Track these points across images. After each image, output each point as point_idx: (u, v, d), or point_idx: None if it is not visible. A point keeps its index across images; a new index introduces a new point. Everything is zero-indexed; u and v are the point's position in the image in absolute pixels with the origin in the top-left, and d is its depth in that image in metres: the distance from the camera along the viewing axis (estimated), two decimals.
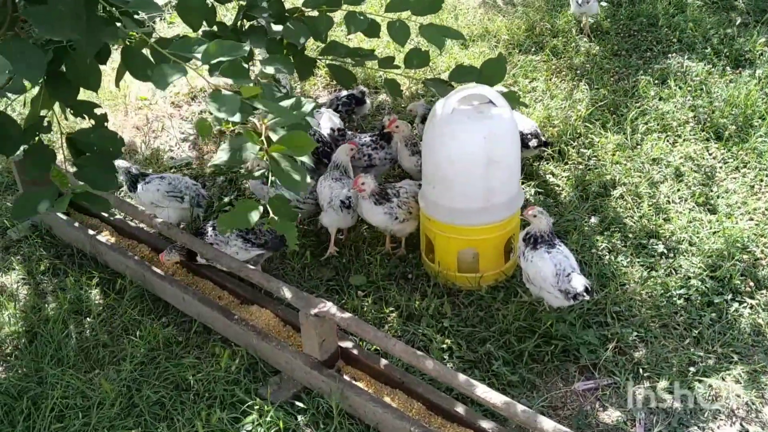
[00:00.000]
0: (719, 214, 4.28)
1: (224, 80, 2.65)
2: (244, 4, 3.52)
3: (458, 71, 3.76)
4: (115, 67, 3.12)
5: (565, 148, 4.85)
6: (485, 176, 3.66)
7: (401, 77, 4.04)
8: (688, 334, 3.59)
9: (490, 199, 3.71)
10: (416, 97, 5.51)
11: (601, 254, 4.06)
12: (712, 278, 3.86)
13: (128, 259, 4.00)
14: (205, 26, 3.43)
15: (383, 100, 5.57)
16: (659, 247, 4.08)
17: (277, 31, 3.56)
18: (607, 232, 4.22)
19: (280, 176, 2.49)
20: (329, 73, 4.30)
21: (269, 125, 2.51)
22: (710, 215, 4.29)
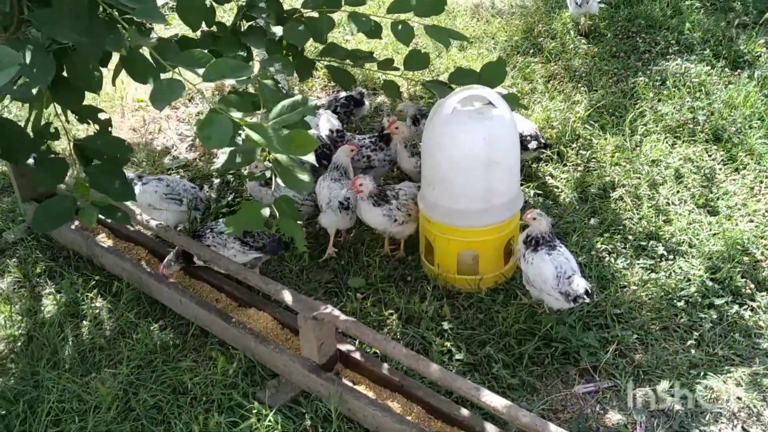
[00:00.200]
0: (719, 215, 4.26)
1: (226, 81, 2.62)
2: (243, 4, 3.50)
3: (458, 74, 3.75)
4: (111, 67, 3.09)
5: (564, 149, 4.83)
6: (485, 178, 3.64)
7: (400, 79, 4.02)
8: (688, 336, 3.57)
9: (489, 200, 3.70)
10: (415, 98, 5.50)
11: (600, 256, 4.05)
12: (712, 280, 3.85)
13: (125, 261, 3.97)
14: (204, 26, 3.41)
15: (382, 101, 5.55)
16: (659, 248, 4.06)
17: (276, 31, 3.54)
18: (606, 233, 4.20)
19: (284, 177, 2.46)
20: (327, 74, 4.28)
21: (271, 126, 2.48)
22: (710, 217, 4.28)
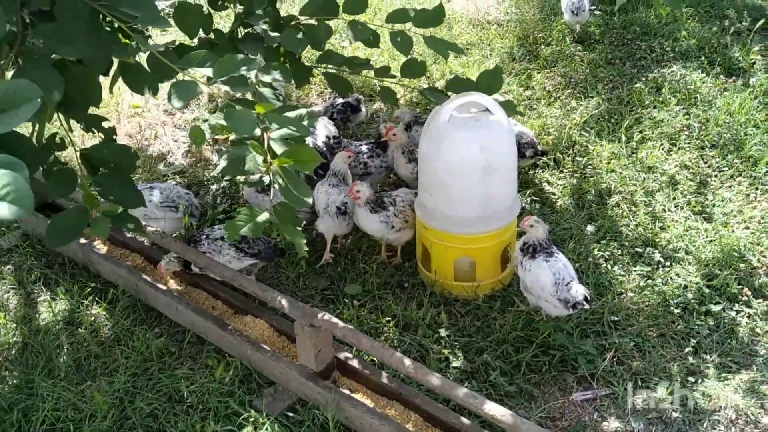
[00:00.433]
0: (715, 222, 4.27)
1: (222, 87, 2.62)
2: (240, 11, 3.49)
3: (455, 82, 3.76)
4: (109, 75, 3.08)
5: (560, 156, 4.84)
6: (482, 184, 3.64)
7: (397, 86, 4.03)
8: (686, 343, 3.57)
9: (486, 207, 3.69)
10: (412, 105, 5.50)
11: (597, 263, 4.05)
12: (709, 287, 3.85)
13: (121, 268, 3.95)
14: (201, 33, 3.40)
15: (378, 107, 5.55)
16: (656, 255, 4.07)
17: (273, 38, 3.53)
18: (603, 240, 4.21)
19: (284, 191, 2.45)
20: (324, 81, 4.28)
21: (274, 137, 2.48)
22: (706, 224, 4.29)
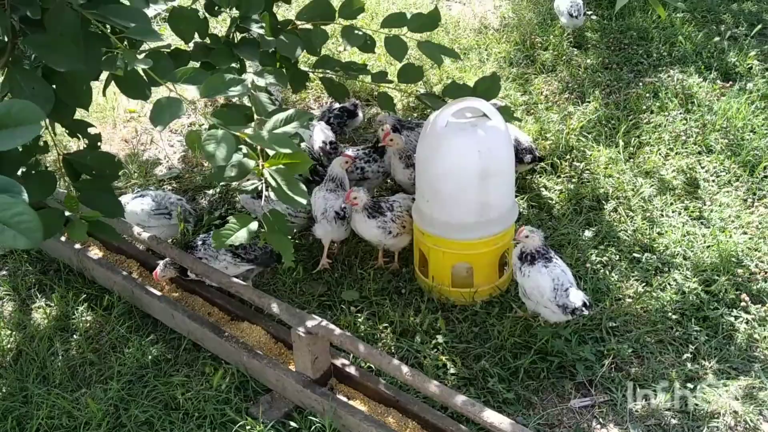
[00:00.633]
0: (713, 227, 4.26)
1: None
2: (236, 16, 3.48)
3: (452, 88, 3.75)
4: (102, 78, 3.06)
5: (557, 161, 4.83)
6: (480, 190, 3.62)
7: (394, 91, 4.01)
8: (684, 349, 3.56)
9: (484, 213, 3.68)
10: (409, 110, 5.49)
11: (595, 268, 4.04)
12: (707, 292, 3.84)
13: (116, 274, 3.92)
14: (197, 38, 3.39)
15: (376, 112, 5.53)
16: (654, 261, 4.05)
17: (270, 43, 3.52)
18: (601, 246, 4.19)
19: (278, 193, 2.44)
20: (321, 85, 4.27)
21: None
22: (704, 229, 4.28)
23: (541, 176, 4.75)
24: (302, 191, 2.42)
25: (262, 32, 3.47)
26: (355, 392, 3.34)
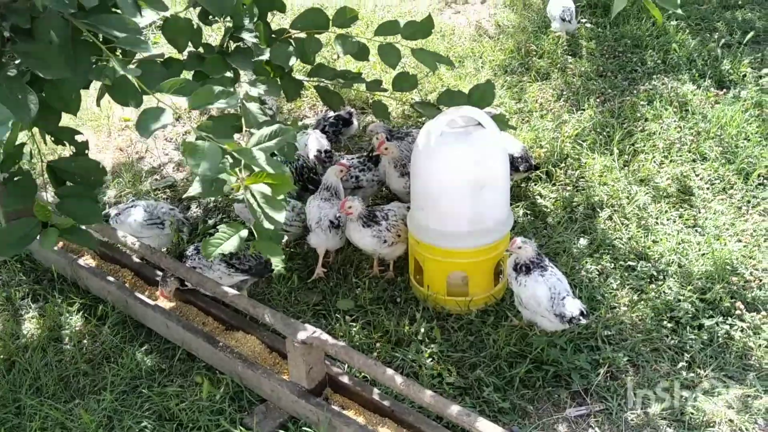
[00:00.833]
0: (707, 235, 4.27)
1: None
2: (230, 25, 3.48)
3: (447, 95, 3.75)
4: (96, 85, 3.05)
5: (552, 169, 4.83)
6: (474, 199, 3.62)
7: (389, 99, 4.02)
8: (679, 357, 3.56)
9: (479, 221, 3.68)
10: (404, 118, 5.49)
11: (590, 277, 4.03)
12: (702, 300, 3.84)
13: (110, 284, 3.91)
14: (190, 47, 3.38)
15: (371, 120, 5.53)
16: (648, 269, 4.05)
17: (263, 52, 3.52)
18: (596, 254, 4.19)
19: (254, 212, 2.40)
20: (316, 94, 4.27)
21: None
22: (699, 237, 4.28)
23: (536, 184, 4.75)
24: (281, 207, 2.37)
25: (255, 41, 3.47)
26: (350, 402, 3.32)
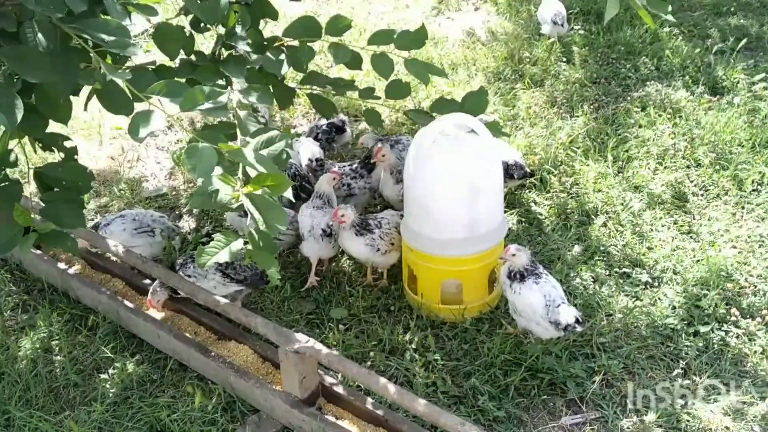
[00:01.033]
0: (702, 242, 4.26)
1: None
2: (222, 33, 3.46)
3: (440, 103, 3.75)
4: (85, 92, 3.02)
5: (546, 176, 4.82)
6: (468, 206, 3.61)
7: (382, 106, 4.01)
8: (675, 365, 3.54)
9: (473, 229, 3.66)
10: (397, 125, 5.48)
11: (585, 284, 4.02)
12: (697, 307, 3.82)
13: (101, 294, 3.87)
14: (182, 55, 3.37)
15: (364, 128, 5.52)
16: (643, 276, 4.04)
17: (256, 60, 3.50)
18: (590, 261, 4.18)
19: (257, 218, 2.39)
20: (309, 102, 4.26)
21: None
22: (693, 243, 4.27)
23: (530, 191, 4.74)
24: (282, 216, 2.36)
25: (248, 49, 3.46)
26: (343, 412, 3.29)
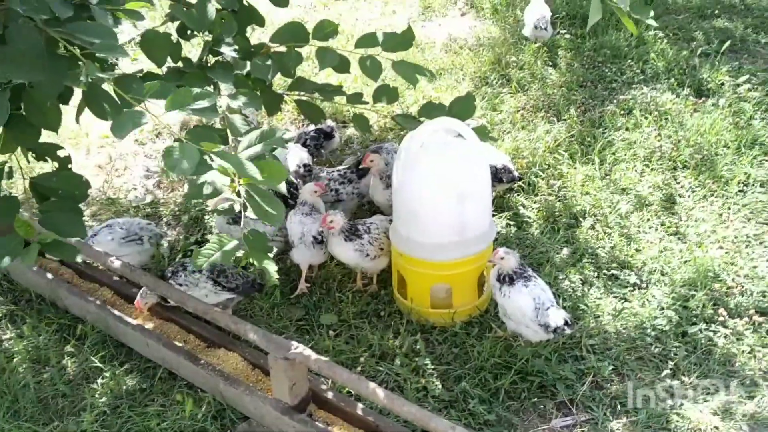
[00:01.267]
0: (689, 243, 4.29)
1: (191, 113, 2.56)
2: (209, 39, 3.46)
3: (427, 108, 3.75)
4: (75, 103, 3.02)
5: (534, 179, 4.84)
6: (456, 210, 3.61)
7: (370, 112, 4.01)
8: (664, 366, 3.55)
9: (461, 233, 3.67)
10: (385, 131, 5.49)
11: (574, 286, 4.03)
12: (685, 308, 3.85)
13: (89, 303, 3.85)
14: (170, 62, 3.36)
15: (352, 134, 5.53)
16: (631, 277, 4.06)
17: (243, 66, 3.50)
18: (579, 263, 4.19)
19: (255, 209, 2.41)
20: (297, 108, 4.26)
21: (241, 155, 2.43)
22: (681, 244, 4.30)
23: (518, 195, 4.76)
24: (280, 207, 2.39)
25: (235, 55, 3.45)
26: (334, 418, 3.28)
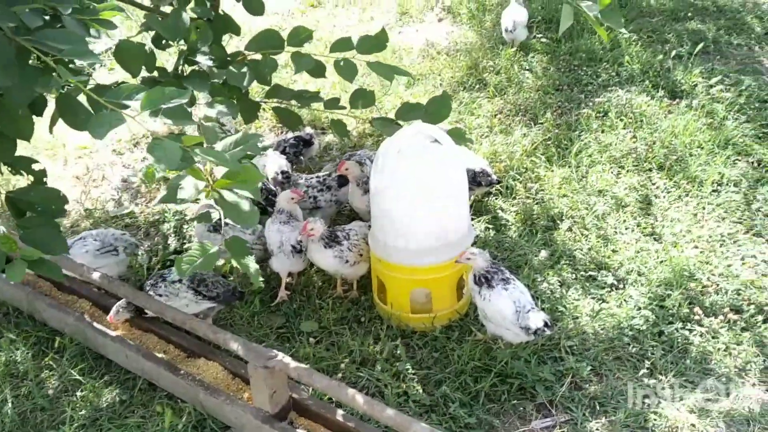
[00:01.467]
0: (665, 243, 4.34)
1: (167, 122, 2.56)
2: (184, 49, 3.46)
3: (404, 109, 3.77)
4: (49, 114, 3.01)
5: (512, 183, 4.88)
6: (433, 215, 3.64)
7: (348, 117, 4.03)
8: (641, 365, 3.60)
9: (439, 237, 3.69)
10: (364, 137, 5.51)
11: (552, 288, 4.07)
12: (661, 307, 3.90)
13: (68, 315, 3.82)
14: (145, 72, 3.35)
15: (331, 140, 5.54)
16: (609, 278, 4.10)
17: (219, 74, 3.51)
18: (557, 265, 4.23)
19: (229, 211, 2.42)
20: (275, 115, 4.26)
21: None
22: (656, 245, 4.36)
23: (496, 198, 4.80)
24: (253, 209, 2.41)
25: (211, 64, 3.46)
26: (315, 425, 3.29)
